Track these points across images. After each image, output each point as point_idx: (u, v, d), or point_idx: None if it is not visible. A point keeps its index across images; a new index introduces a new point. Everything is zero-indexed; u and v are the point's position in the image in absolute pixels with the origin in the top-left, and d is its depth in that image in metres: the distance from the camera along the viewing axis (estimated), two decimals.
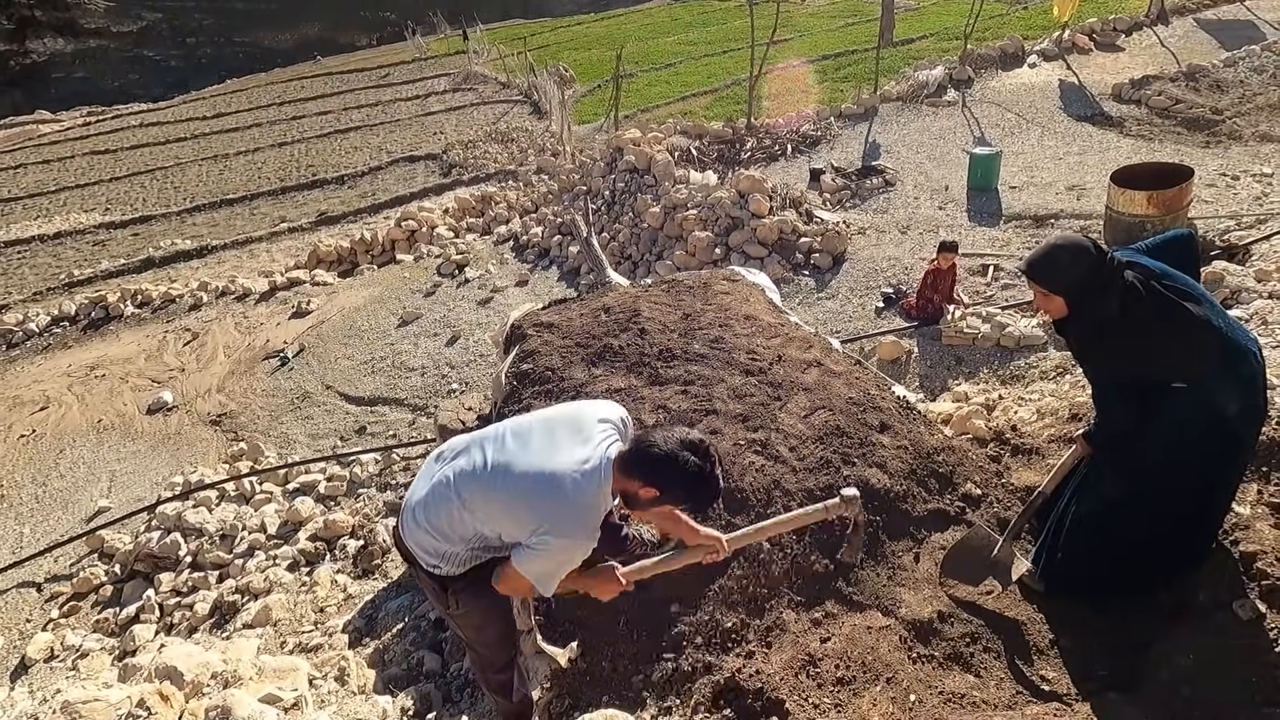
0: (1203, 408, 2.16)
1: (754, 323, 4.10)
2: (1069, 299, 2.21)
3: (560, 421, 2.21)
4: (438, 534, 2.11)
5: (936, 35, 15.35)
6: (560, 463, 2.02)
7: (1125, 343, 2.18)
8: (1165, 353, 2.18)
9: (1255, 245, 5.79)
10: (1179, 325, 2.15)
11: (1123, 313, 2.15)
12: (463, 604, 2.23)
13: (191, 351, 8.51)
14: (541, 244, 9.26)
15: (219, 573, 5.25)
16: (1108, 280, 2.15)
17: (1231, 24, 13.16)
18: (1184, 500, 2.34)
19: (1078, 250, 2.19)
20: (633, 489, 2.06)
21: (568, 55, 21.56)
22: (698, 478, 2.00)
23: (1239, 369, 2.19)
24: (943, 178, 8.88)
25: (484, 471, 2.07)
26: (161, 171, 16.93)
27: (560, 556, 2.01)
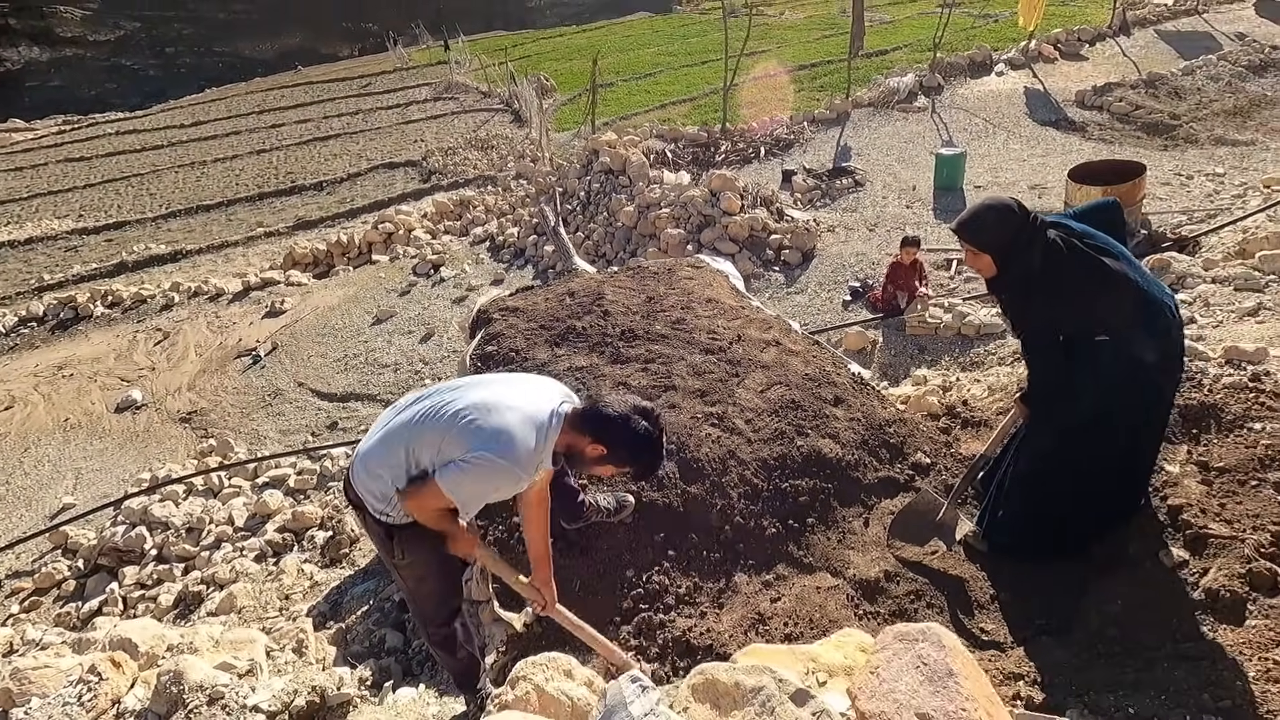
0: (1124, 358, 2.26)
1: (715, 305, 4.18)
2: (996, 256, 2.32)
3: (519, 379, 2.34)
4: (392, 474, 2.15)
5: (910, 46, 15.70)
6: (515, 402, 2.10)
7: (1049, 297, 2.28)
8: (1086, 306, 2.29)
9: (1204, 238, 5.98)
10: (1098, 279, 2.25)
11: (1045, 268, 2.25)
12: (408, 553, 2.27)
13: (162, 351, 8.44)
14: (517, 244, 9.33)
15: (184, 565, 5.21)
16: (1031, 238, 2.26)
17: (1190, 35, 13.60)
18: (1111, 451, 2.43)
19: (1003, 210, 2.30)
20: (581, 445, 2.13)
21: (549, 65, 21.75)
22: (646, 440, 2.09)
23: (1156, 321, 2.29)
24: (911, 178, 9.08)
25: (441, 410, 2.13)
26: (137, 178, 16.80)
27: (493, 478, 2.04)
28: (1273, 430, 2.78)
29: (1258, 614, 2.13)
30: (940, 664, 1.07)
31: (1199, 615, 2.21)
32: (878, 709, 1.08)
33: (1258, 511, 2.47)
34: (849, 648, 1.47)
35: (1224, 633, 2.11)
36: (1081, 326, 2.30)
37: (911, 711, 1.04)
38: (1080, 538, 2.61)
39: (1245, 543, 2.33)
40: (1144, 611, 2.30)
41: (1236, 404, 3.00)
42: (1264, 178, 7.53)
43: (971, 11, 18.05)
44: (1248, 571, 2.23)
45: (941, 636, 1.14)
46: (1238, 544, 2.34)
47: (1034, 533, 2.64)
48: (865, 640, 1.40)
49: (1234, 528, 2.43)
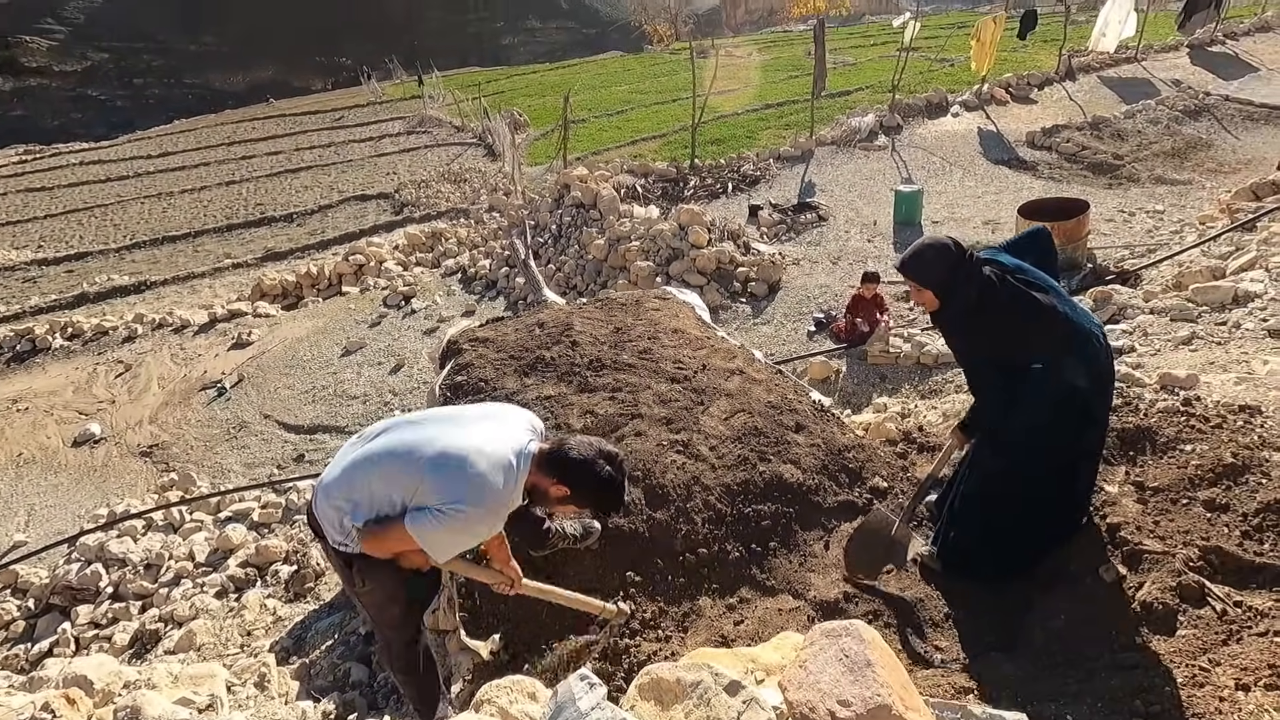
0: (1057, 383, 2.42)
1: (681, 335, 4.30)
2: (937, 292, 2.49)
3: (487, 412, 2.37)
4: (353, 506, 2.17)
5: (870, 88, 16.35)
6: (486, 444, 2.13)
7: (985, 329, 2.46)
8: (1019, 336, 2.45)
9: (1144, 271, 6.31)
10: (1029, 312, 2.43)
11: (981, 302, 2.41)
12: (368, 580, 2.29)
13: (124, 383, 8.28)
14: (489, 276, 9.40)
15: (142, 603, 5.07)
16: (968, 274, 2.43)
17: (1130, 81, 14.42)
18: (1050, 472, 2.58)
19: (941, 248, 2.48)
20: (545, 485, 2.20)
21: (522, 101, 22.13)
22: (609, 484, 2.17)
23: (1085, 348, 2.46)
24: (872, 214, 9.41)
25: (408, 447, 2.16)
26: (101, 209, 16.57)
27: (468, 527, 2.09)
28: (1202, 451, 2.95)
29: (1187, 624, 2.25)
30: (860, 655, 1.16)
31: (1136, 627, 2.32)
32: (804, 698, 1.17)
33: (1188, 528, 2.62)
34: (786, 648, 1.55)
35: (1157, 642, 2.23)
36: (1017, 355, 2.45)
37: (834, 699, 1.12)
38: (1027, 556, 2.73)
39: (1176, 557, 2.46)
40: (1085, 625, 2.41)
41: (1170, 427, 3.18)
42: (1199, 215, 7.98)
43: (928, 56, 18.90)
44: (1178, 584, 2.36)
45: (861, 631, 1.23)
46: (1170, 559, 2.47)
47: (983, 552, 2.75)
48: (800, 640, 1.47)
49: (1167, 543, 2.57)
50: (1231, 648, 2.11)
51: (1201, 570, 2.41)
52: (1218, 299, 4.89)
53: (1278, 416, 3.16)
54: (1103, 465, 3.10)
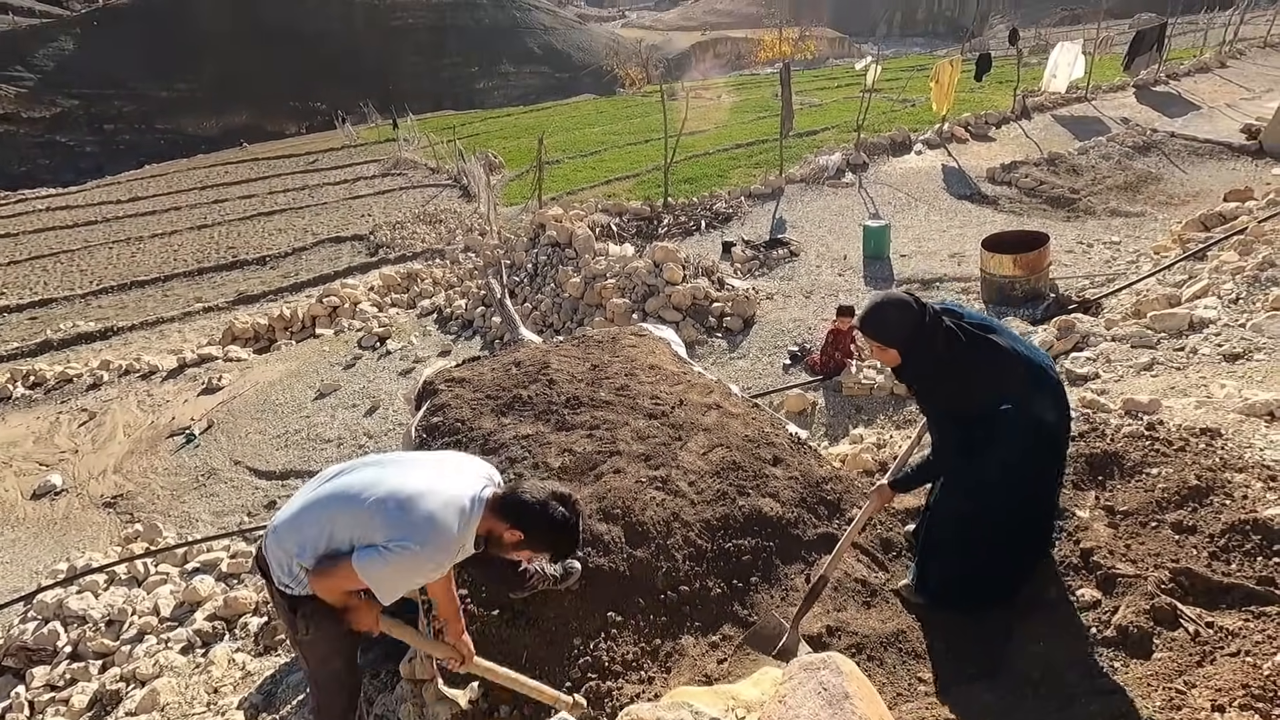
0: (1028, 421, 2.44)
1: (658, 371, 4.32)
2: (900, 350, 2.48)
3: (444, 459, 2.36)
4: (302, 549, 2.14)
5: (837, 127, 16.88)
6: (435, 488, 2.12)
7: (954, 379, 2.46)
8: (987, 382, 2.46)
9: (1104, 300, 6.52)
10: (992, 357, 2.44)
11: (945, 356, 2.42)
12: (312, 629, 2.23)
13: (87, 432, 8.06)
14: (465, 315, 9.40)
15: (102, 662, 4.86)
16: (932, 329, 2.43)
17: (1082, 119, 15.08)
18: (1022, 503, 2.61)
19: (903, 306, 2.46)
20: (499, 530, 2.18)
21: (497, 143, 22.44)
22: (563, 526, 2.17)
23: (1044, 383, 2.50)
24: (842, 249, 9.62)
25: (361, 488, 2.14)
26: (67, 255, 16.33)
27: (413, 566, 2.05)
28: (1167, 474, 3.03)
29: (1162, 647, 2.28)
30: (838, 688, 1.16)
31: (1112, 651, 2.35)
32: None
33: (1158, 550, 2.67)
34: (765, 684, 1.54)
35: (1134, 666, 2.25)
36: (986, 401, 2.45)
37: None
38: (1008, 583, 2.75)
39: (1148, 580, 2.50)
40: (1064, 652, 2.43)
41: (1136, 451, 3.26)
42: (1154, 245, 8.30)
43: (890, 97, 19.62)
44: (1152, 607, 2.39)
45: (840, 664, 1.23)
46: (1142, 582, 2.51)
47: (964, 583, 2.76)
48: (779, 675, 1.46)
49: (1138, 566, 2.61)
50: (1206, 669, 2.14)
51: (1173, 592, 2.45)
52: (1175, 326, 5.06)
53: (1237, 439, 3.26)
54: (1074, 490, 3.16)
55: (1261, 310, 4.92)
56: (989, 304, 7.23)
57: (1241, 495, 2.81)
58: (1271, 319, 4.71)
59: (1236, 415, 3.50)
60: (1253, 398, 3.59)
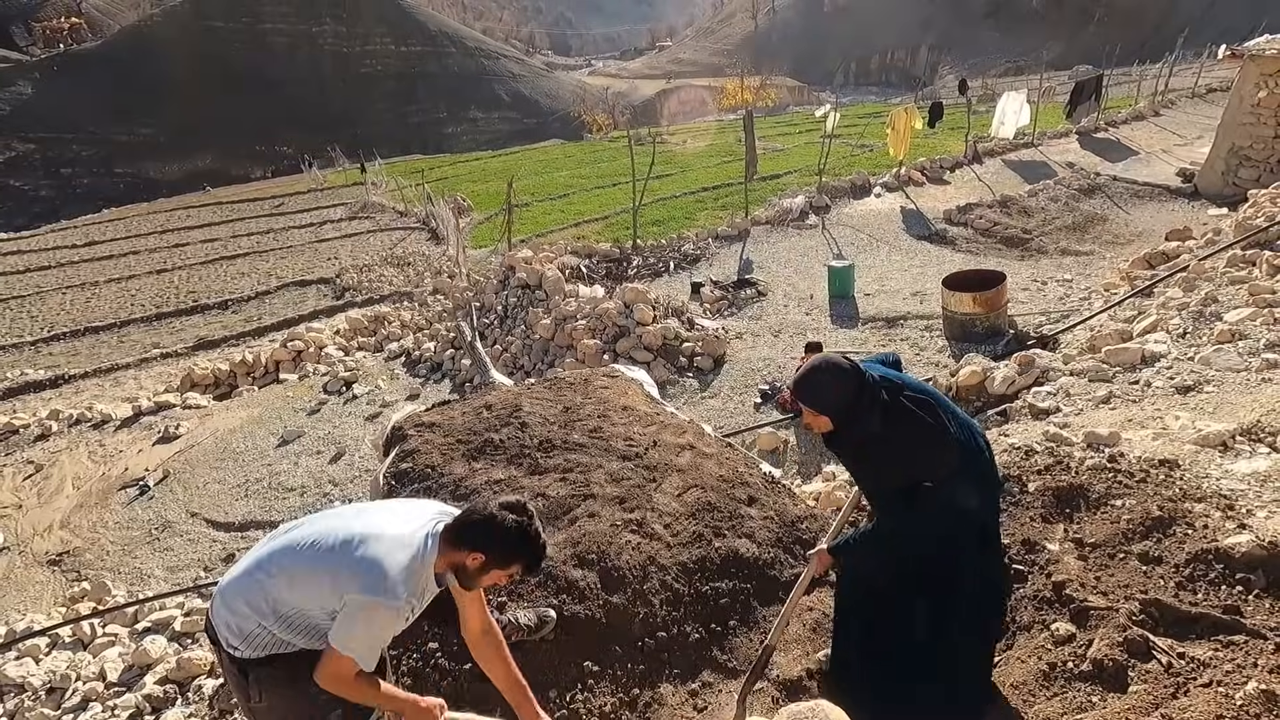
0: (950, 503, 2.38)
1: (631, 413, 4.31)
2: (835, 418, 2.37)
3: (397, 506, 2.28)
4: (250, 608, 2.04)
5: (799, 171, 17.41)
6: (384, 531, 2.05)
7: (885, 452, 2.38)
8: (916, 458, 2.39)
9: (1061, 335, 6.74)
10: (925, 434, 2.36)
11: (880, 429, 2.33)
12: (265, 694, 2.12)
13: (33, 486, 7.69)
14: (434, 358, 9.30)
15: None
16: (870, 401, 2.33)
17: (1030, 164, 15.81)
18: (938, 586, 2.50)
19: (839, 372, 2.32)
20: (460, 559, 2.09)
21: (466, 187, 22.59)
22: (518, 534, 2.06)
23: (974, 467, 2.42)
24: (808, 288, 9.83)
25: (309, 540, 2.07)
26: (16, 301, 15.83)
27: (373, 620, 1.97)
28: (1131, 505, 3.10)
29: (1137, 679, 2.30)
30: None
31: (1090, 685, 2.35)
32: None
33: (1127, 582, 2.71)
34: None
35: (1112, 700, 2.26)
36: (914, 476, 2.39)
37: None
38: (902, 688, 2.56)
39: (1120, 612, 2.53)
40: (1043, 689, 2.43)
41: (1100, 483, 3.33)
42: (1103, 282, 8.65)
43: (849, 142, 20.35)
44: (1125, 640, 2.41)
45: (828, 712, 1.21)
46: (1114, 614, 2.54)
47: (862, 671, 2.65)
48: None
49: (1110, 598, 2.64)
50: (1181, 701, 2.16)
51: (1144, 623, 2.48)
52: (1128, 360, 5.24)
53: (1194, 469, 3.36)
54: (1043, 523, 3.21)
55: (1208, 344, 5.14)
56: (952, 340, 7.42)
57: (1202, 525, 2.88)
58: (1218, 352, 4.91)
59: (1192, 446, 3.61)
60: (1206, 429, 3.71)
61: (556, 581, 3.06)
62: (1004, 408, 5.32)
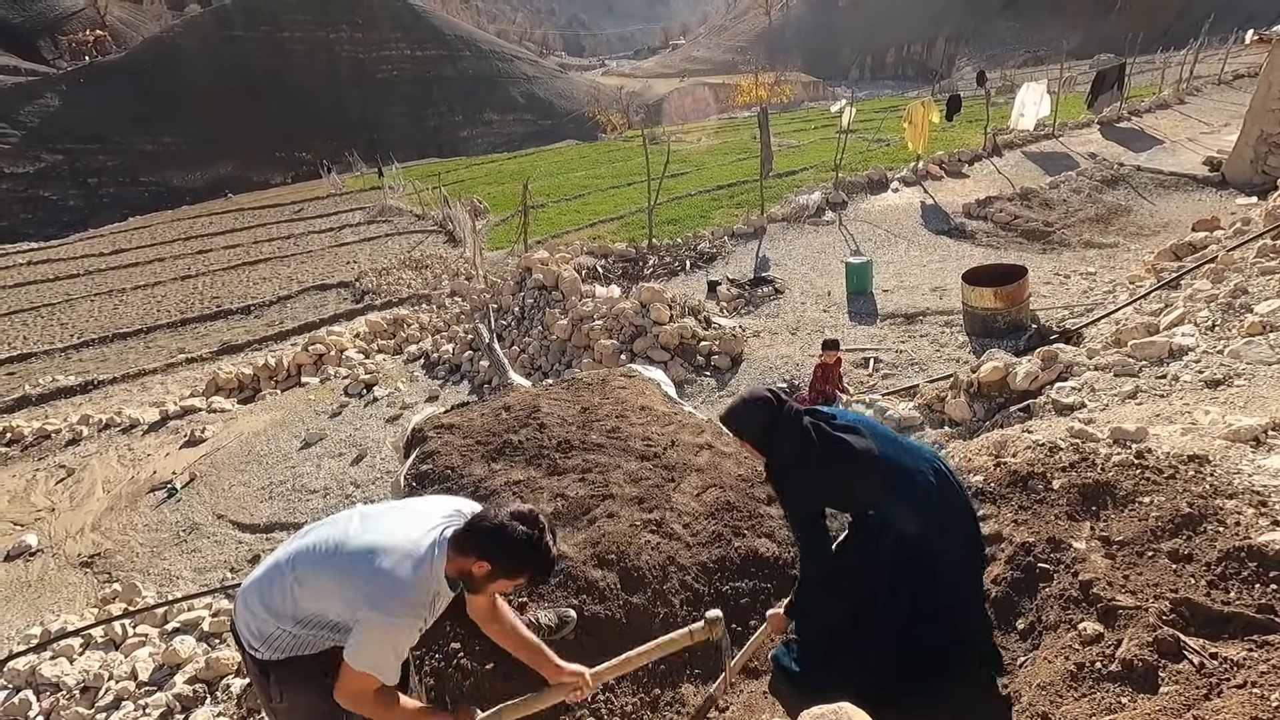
0: (886, 529, 2.38)
1: (649, 413, 4.31)
2: (756, 445, 2.47)
3: (410, 508, 2.26)
4: (268, 612, 2.07)
5: (815, 167, 17.29)
6: (392, 540, 2.05)
7: (805, 480, 2.41)
8: (839, 486, 2.42)
9: (1085, 329, 6.62)
10: (843, 459, 2.37)
11: (799, 454, 2.38)
12: (286, 695, 2.14)
13: (65, 489, 7.86)
14: (452, 360, 9.36)
15: None
16: (786, 427, 2.40)
17: (1051, 155, 15.56)
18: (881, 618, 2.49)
19: (756, 403, 2.44)
20: (468, 566, 2.08)
21: (482, 189, 22.72)
22: (526, 545, 2.03)
23: (906, 491, 2.37)
24: (825, 285, 9.76)
25: (321, 547, 2.09)
26: (48, 308, 16.19)
27: (386, 637, 1.98)
28: (1159, 502, 3.03)
29: (1168, 680, 2.25)
30: None
31: (1119, 686, 2.31)
32: None
33: (1156, 580, 2.65)
34: None
35: (1141, 701, 2.21)
36: (839, 505, 2.42)
37: None
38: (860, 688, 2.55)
39: (1150, 611, 2.48)
40: (1070, 689, 2.39)
41: (1127, 480, 3.26)
42: (1128, 275, 8.49)
43: (865, 137, 20.17)
44: (1155, 640, 2.36)
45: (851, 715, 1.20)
46: (1143, 613, 2.49)
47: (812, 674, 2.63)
48: None
49: (1138, 598, 2.59)
50: (1214, 702, 2.11)
51: (1174, 623, 2.43)
52: (1155, 354, 5.14)
53: (1225, 465, 3.28)
54: (1069, 521, 3.15)
55: (1238, 336, 5.02)
56: (973, 336, 7.33)
57: (1234, 522, 2.81)
58: (1248, 344, 4.80)
59: (1222, 441, 3.53)
60: (1237, 423, 3.63)
61: (577, 582, 3.07)
62: (1027, 404, 5.24)
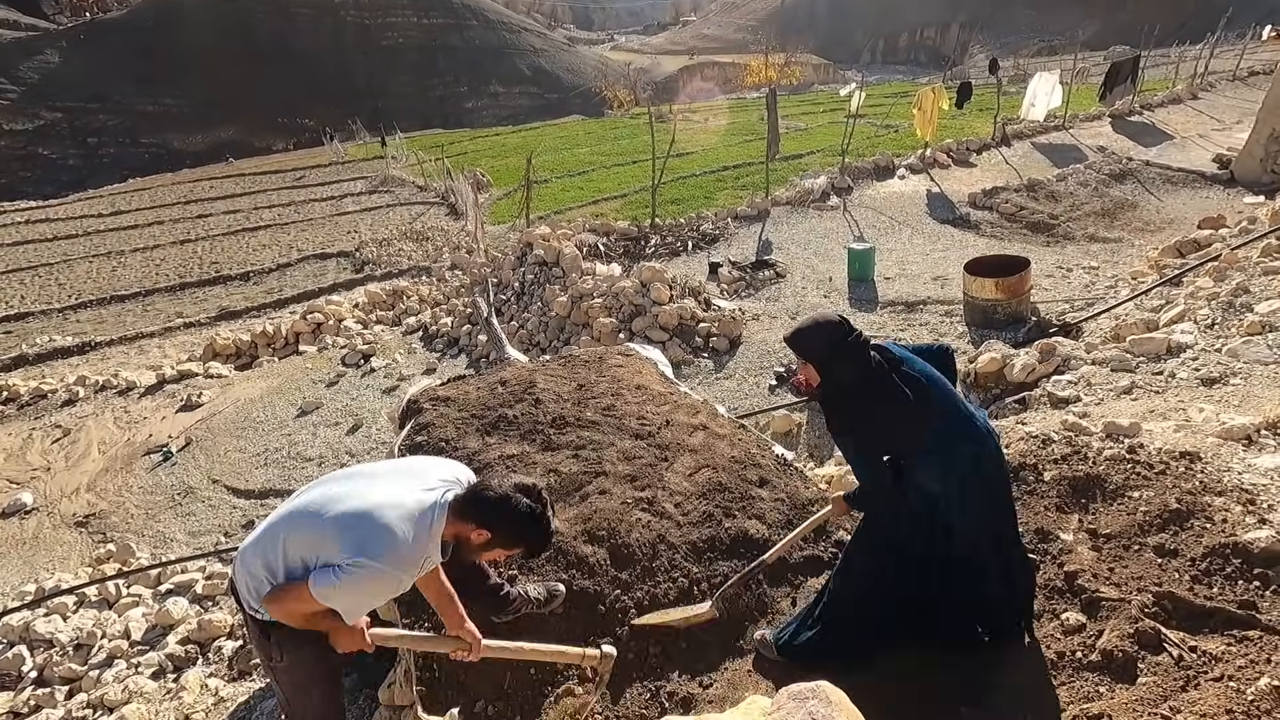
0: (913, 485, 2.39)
1: (645, 392, 4.31)
2: (818, 365, 2.44)
3: (406, 468, 2.28)
4: (267, 571, 2.08)
5: (822, 151, 17.13)
6: (392, 498, 2.06)
7: (856, 411, 2.41)
8: (885, 426, 2.42)
9: (1085, 324, 6.61)
10: (894, 405, 2.37)
11: (857, 383, 2.37)
12: (286, 655, 2.17)
13: (60, 449, 7.88)
14: (451, 333, 9.35)
15: (69, 688, 4.70)
16: (851, 353, 2.36)
17: (1059, 147, 15.42)
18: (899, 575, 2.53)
19: (828, 324, 2.43)
20: (466, 532, 2.10)
21: (485, 162, 22.52)
22: (529, 518, 2.06)
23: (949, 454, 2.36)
24: (827, 270, 9.72)
25: (318, 504, 2.09)
26: (46, 268, 16.11)
27: (375, 583, 1.99)
28: (1149, 497, 3.05)
29: (1147, 671, 2.28)
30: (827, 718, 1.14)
31: (1097, 676, 2.34)
32: None
33: (1141, 574, 2.68)
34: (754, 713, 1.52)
35: (1120, 691, 2.25)
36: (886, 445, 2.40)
37: None
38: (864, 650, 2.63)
39: (1132, 604, 2.51)
40: (1051, 676, 2.42)
41: (1118, 474, 3.29)
42: (1131, 270, 8.45)
43: (874, 122, 19.98)
44: (1136, 631, 2.40)
45: (829, 693, 1.22)
46: (1126, 605, 2.52)
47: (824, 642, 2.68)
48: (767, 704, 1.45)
49: (1122, 590, 2.62)
50: (1190, 694, 2.14)
51: (1156, 616, 2.46)
52: (1153, 350, 5.14)
53: (1216, 462, 3.30)
54: (1057, 513, 3.18)
55: (1236, 335, 5.02)
56: (972, 326, 7.31)
57: (1221, 519, 2.84)
58: (1246, 344, 4.80)
59: (1215, 439, 3.54)
60: (1230, 422, 3.64)
61: (566, 556, 3.09)
62: (1023, 395, 5.26)
